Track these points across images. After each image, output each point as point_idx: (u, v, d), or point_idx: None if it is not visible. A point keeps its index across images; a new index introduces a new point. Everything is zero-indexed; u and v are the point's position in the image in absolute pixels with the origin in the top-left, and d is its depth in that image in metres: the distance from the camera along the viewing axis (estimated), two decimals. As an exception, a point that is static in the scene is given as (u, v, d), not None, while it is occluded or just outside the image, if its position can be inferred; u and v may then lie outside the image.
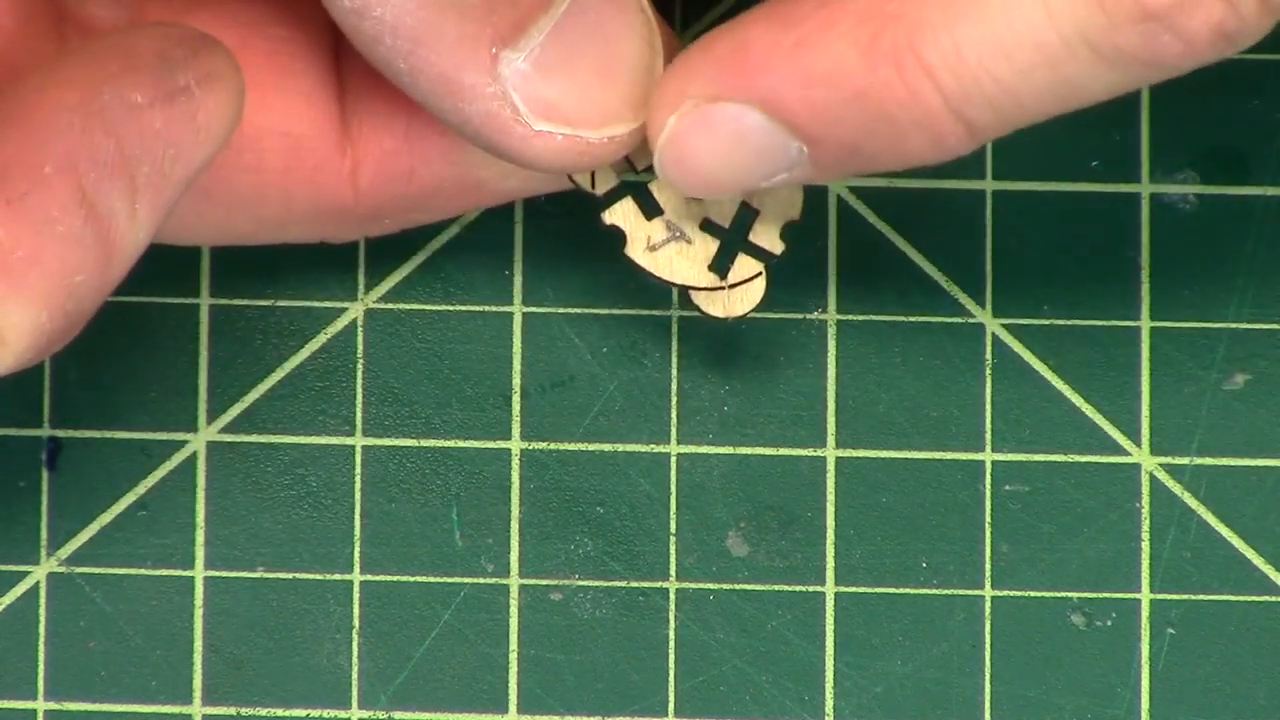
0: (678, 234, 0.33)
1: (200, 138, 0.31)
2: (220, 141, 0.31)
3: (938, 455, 0.38)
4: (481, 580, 0.38)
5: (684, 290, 0.34)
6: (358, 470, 0.39)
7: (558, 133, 0.31)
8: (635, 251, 0.33)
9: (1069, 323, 0.38)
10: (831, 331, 0.38)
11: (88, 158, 0.30)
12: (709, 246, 0.33)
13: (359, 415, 0.39)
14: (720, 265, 0.34)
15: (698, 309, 0.34)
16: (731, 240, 0.33)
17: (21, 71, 0.32)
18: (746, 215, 0.33)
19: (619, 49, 0.31)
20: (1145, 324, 0.38)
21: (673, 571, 0.38)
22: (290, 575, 0.39)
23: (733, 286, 0.34)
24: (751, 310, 0.34)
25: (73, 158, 0.30)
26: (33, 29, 0.32)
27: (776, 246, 0.34)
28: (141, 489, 0.39)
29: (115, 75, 0.30)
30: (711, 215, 0.33)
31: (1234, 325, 0.38)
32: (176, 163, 0.30)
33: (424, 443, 0.39)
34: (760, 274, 0.34)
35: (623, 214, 0.33)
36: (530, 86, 0.31)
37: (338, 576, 0.38)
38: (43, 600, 0.39)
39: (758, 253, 0.33)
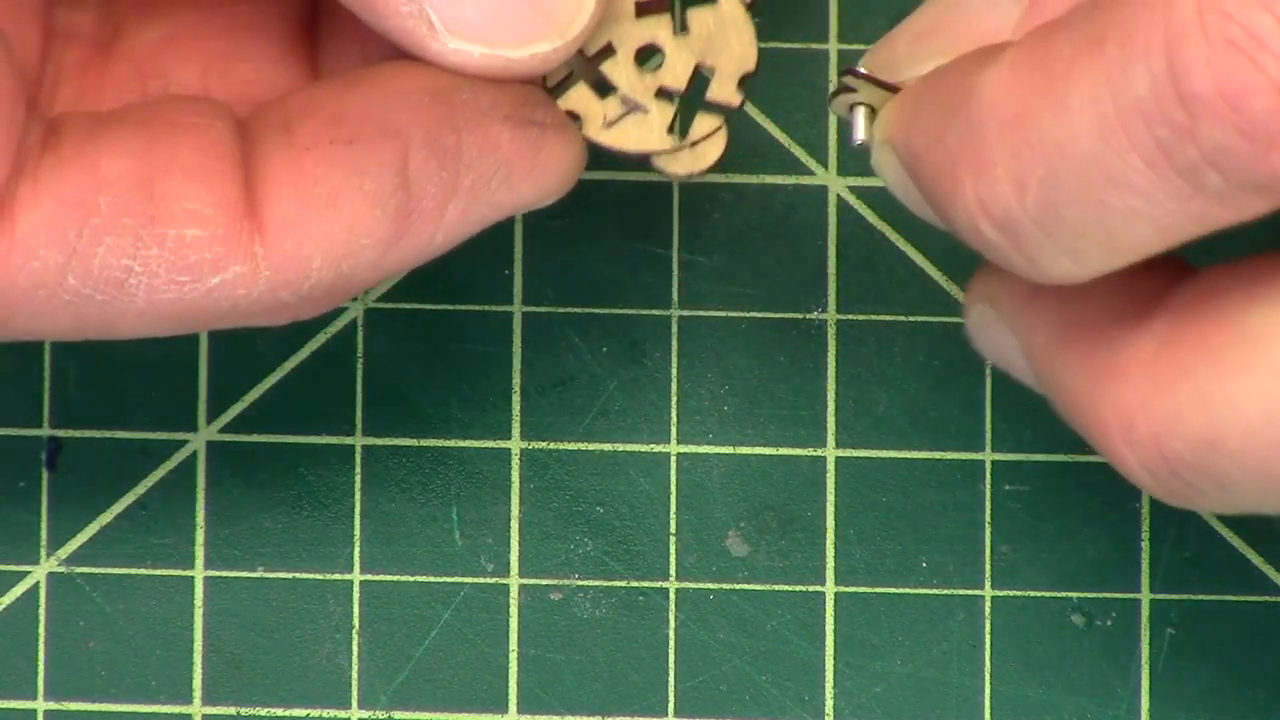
0: (634, 106, 0.33)
1: (535, 174, 0.31)
2: (551, 191, 0.31)
3: (938, 455, 0.38)
4: (481, 580, 0.38)
5: (646, 158, 0.33)
6: (358, 470, 0.39)
7: (474, 50, 0.30)
8: (593, 130, 0.33)
9: (1069, 323, 0.38)
10: (831, 331, 0.38)
11: (423, 137, 0.30)
12: (666, 113, 0.33)
13: (359, 415, 0.39)
14: (680, 127, 0.33)
15: (661, 172, 0.34)
16: (688, 101, 0.33)
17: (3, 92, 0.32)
18: (701, 77, 0.33)
19: None
20: (1145, 324, 0.38)
21: (673, 571, 0.38)
22: (290, 575, 0.39)
23: (694, 144, 0.33)
24: (715, 164, 0.33)
25: (409, 130, 0.30)
26: (24, 42, 0.32)
27: (735, 99, 0.33)
28: (141, 489, 0.39)
29: (480, 85, 0.31)
30: (666, 83, 0.33)
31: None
32: (503, 186, 0.31)
33: (424, 443, 0.39)
34: (720, 128, 0.33)
35: (577, 99, 0.33)
36: (447, 4, 0.30)
37: (338, 576, 0.38)
38: (43, 600, 0.39)
39: (716, 108, 0.33)
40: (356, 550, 0.38)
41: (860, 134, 0.31)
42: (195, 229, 0.29)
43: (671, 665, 0.38)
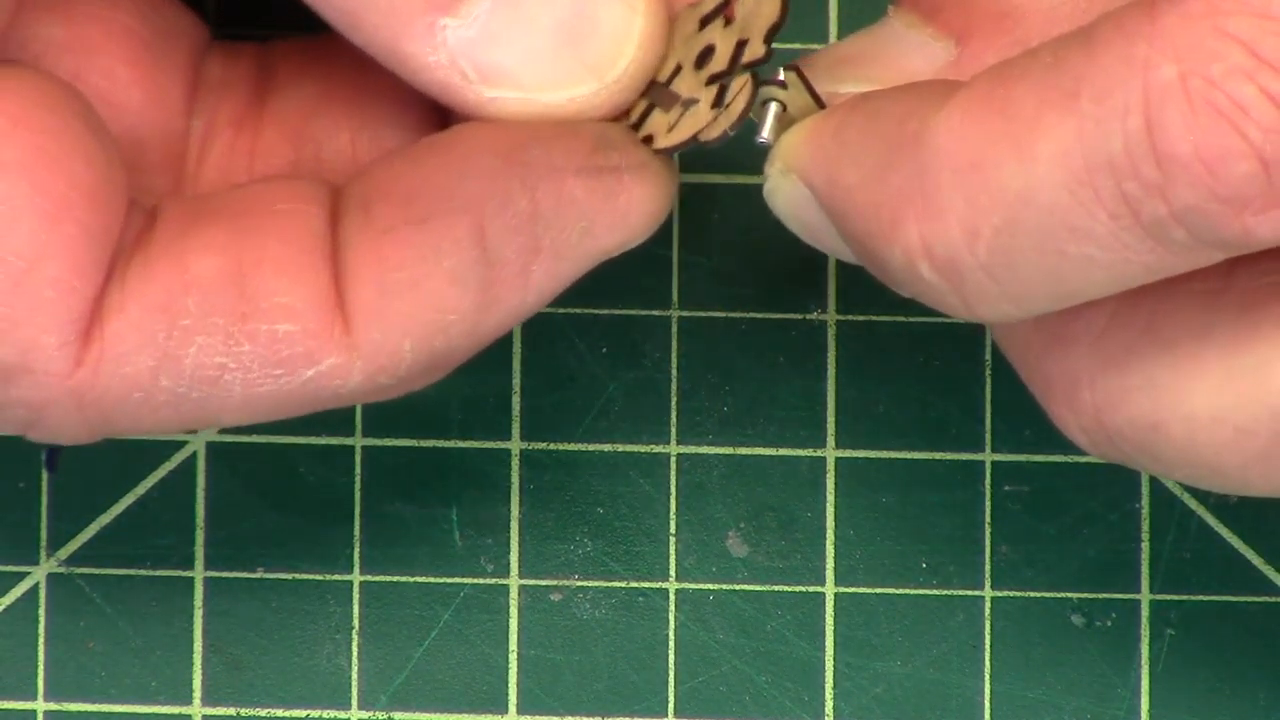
0: (690, 103, 0.32)
1: (617, 220, 0.30)
2: (637, 233, 0.31)
3: (938, 455, 0.38)
4: (481, 580, 0.38)
5: (693, 140, 0.33)
6: (358, 470, 0.39)
7: (510, 97, 0.30)
8: (661, 142, 0.32)
9: (1069, 323, 0.38)
10: (831, 331, 0.38)
11: (498, 204, 0.29)
12: (711, 93, 0.33)
13: (359, 415, 0.39)
14: (720, 102, 0.33)
15: (699, 144, 0.33)
16: (725, 75, 0.33)
17: (149, 147, 0.32)
18: (739, 49, 0.33)
19: (583, 10, 0.30)
20: (1145, 324, 0.38)
21: (673, 571, 0.38)
22: (290, 575, 0.39)
23: (729, 105, 0.33)
24: (745, 112, 0.33)
25: (482, 199, 0.29)
26: (163, 101, 0.32)
27: (763, 52, 0.33)
28: (141, 489, 0.39)
29: (548, 138, 0.30)
30: (715, 70, 0.33)
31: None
32: (586, 237, 0.30)
33: (424, 443, 0.39)
34: (748, 81, 0.33)
35: (650, 123, 0.32)
36: (478, 52, 0.30)
37: (338, 576, 0.38)
38: (43, 600, 0.39)
39: (746, 68, 0.33)
40: (356, 551, 0.39)
41: (767, 133, 0.30)
42: (287, 324, 0.29)
43: (671, 665, 0.38)
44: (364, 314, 0.29)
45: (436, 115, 0.33)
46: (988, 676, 0.38)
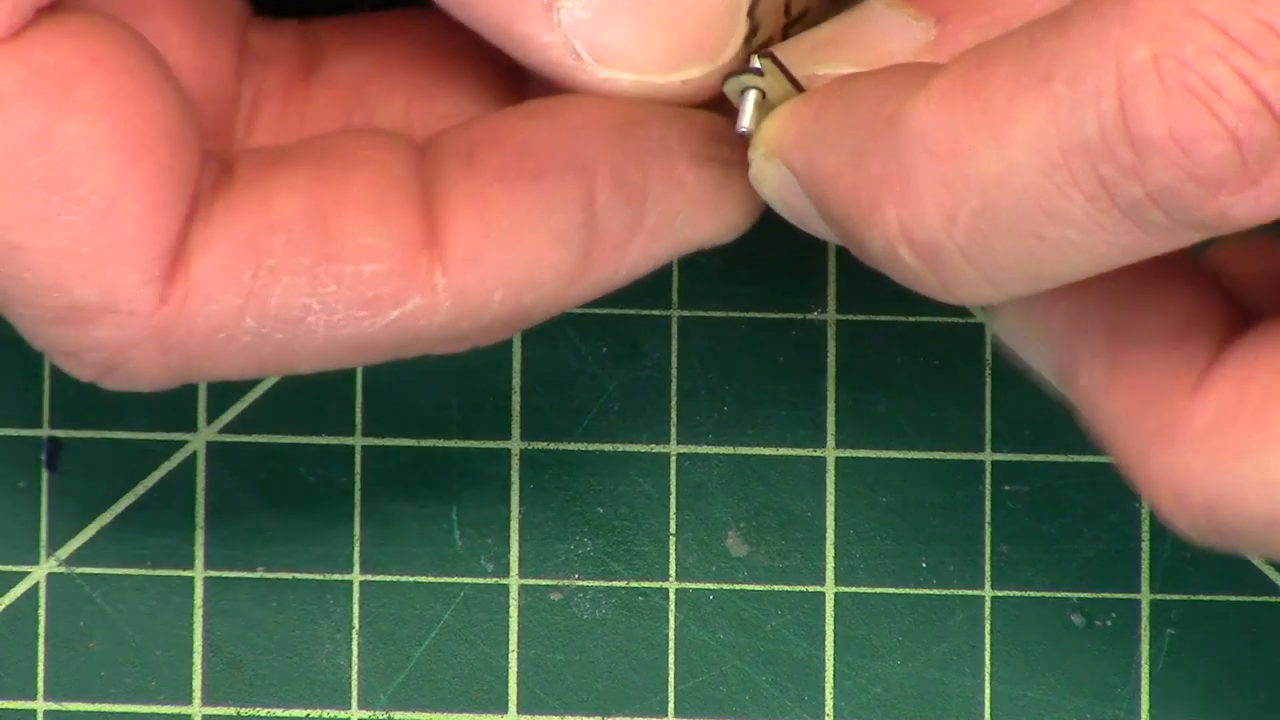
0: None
1: (719, 212, 0.31)
2: (734, 229, 0.31)
3: (938, 455, 0.38)
4: (481, 580, 0.38)
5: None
6: (358, 470, 0.39)
7: (623, 78, 0.30)
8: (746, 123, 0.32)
9: (1069, 323, 0.38)
10: (831, 331, 0.38)
11: (610, 173, 0.30)
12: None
13: (359, 415, 0.39)
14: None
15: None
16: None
17: (200, 110, 0.32)
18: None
19: None
20: (1145, 324, 0.38)
21: (673, 571, 0.38)
22: (290, 575, 0.39)
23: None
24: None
25: (596, 166, 0.30)
26: (213, 65, 0.32)
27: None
28: (141, 489, 0.39)
29: (667, 118, 0.30)
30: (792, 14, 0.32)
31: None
32: (687, 224, 0.30)
33: (424, 443, 0.39)
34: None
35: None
36: (592, 33, 0.30)
37: (338, 576, 0.38)
38: (43, 600, 0.39)
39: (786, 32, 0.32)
40: (356, 550, 0.38)
41: (747, 122, 0.30)
42: (373, 264, 0.29)
43: (671, 665, 0.38)
44: (460, 257, 0.29)
45: (496, 87, 0.33)
46: (988, 676, 0.38)
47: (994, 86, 0.26)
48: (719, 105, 0.31)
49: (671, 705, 0.38)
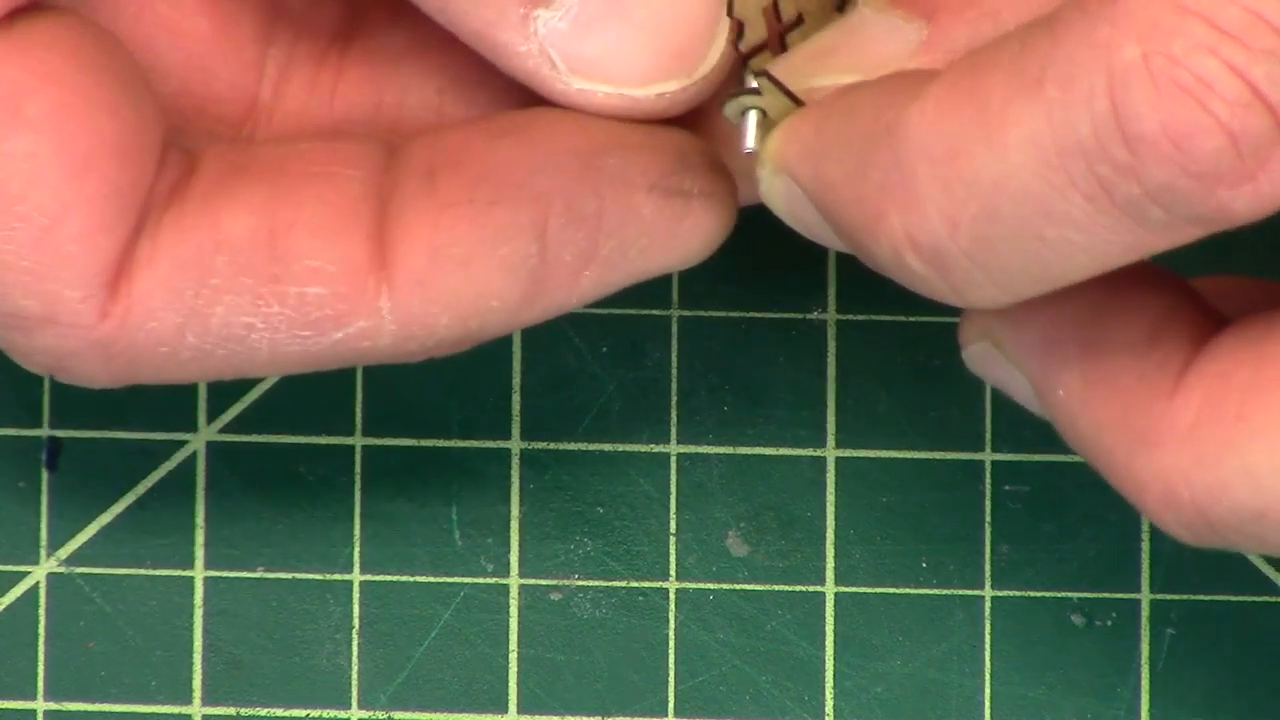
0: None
1: (675, 243, 0.30)
2: (691, 259, 0.31)
3: (938, 455, 0.38)
4: (481, 580, 0.38)
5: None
6: (358, 470, 0.39)
7: (598, 90, 0.30)
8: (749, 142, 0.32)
9: (1069, 323, 0.38)
10: (831, 331, 0.38)
11: (565, 202, 0.29)
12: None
13: (359, 415, 0.39)
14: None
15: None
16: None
17: (216, 76, 0.32)
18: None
19: (674, 5, 0.30)
20: (1145, 324, 0.38)
21: (673, 571, 0.38)
22: (290, 575, 0.39)
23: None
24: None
25: (551, 195, 0.29)
26: (233, 29, 0.32)
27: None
28: (141, 489, 0.39)
29: (630, 147, 0.30)
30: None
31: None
32: (642, 254, 0.30)
33: (424, 443, 0.39)
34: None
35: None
36: (569, 44, 0.30)
37: (338, 576, 0.38)
38: (43, 600, 0.39)
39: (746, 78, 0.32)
40: (356, 550, 0.39)
41: (751, 142, 0.30)
42: (318, 287, 0.29)
43: (671, 665, 0.38)
44: (409, 281, 0.29)
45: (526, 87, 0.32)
46: (988, 676, 0.38)
47: (988, 91, 0.26)
48: (695, 119, 0.31)
49: (671, 705, 0.38)
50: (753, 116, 0.30)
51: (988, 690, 0.38)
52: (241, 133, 0.32)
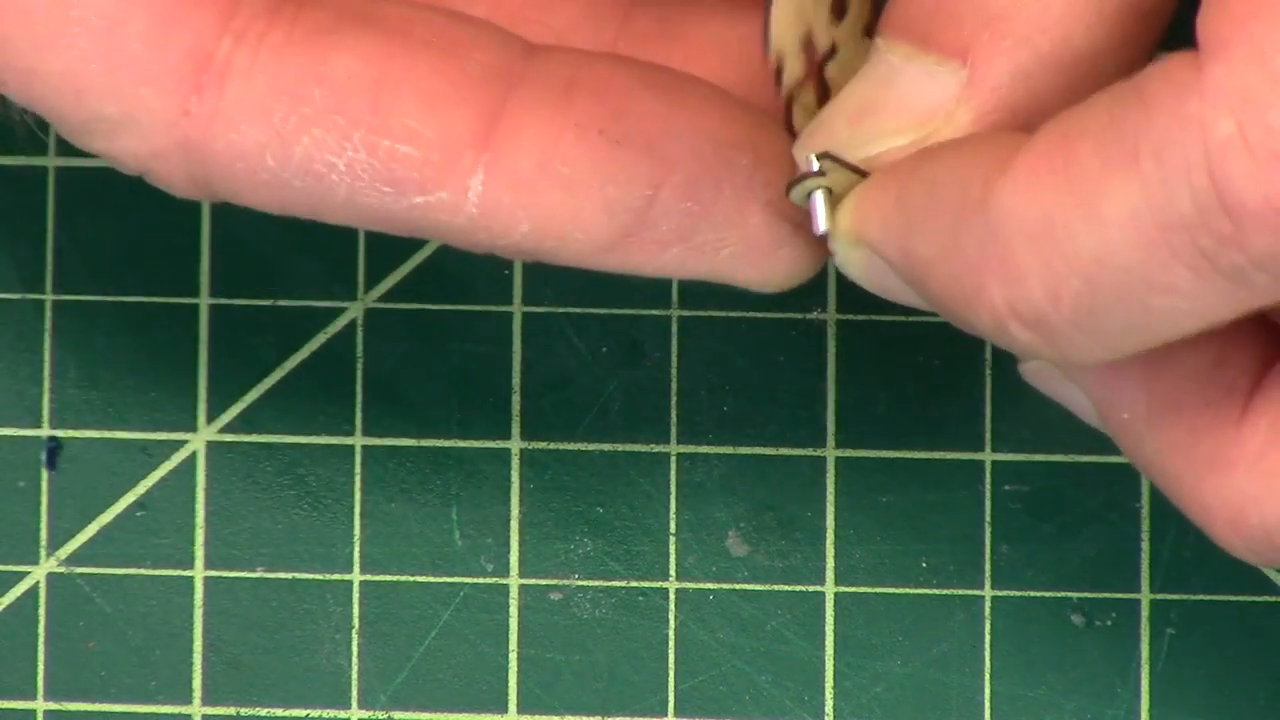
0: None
1: (763, 265, 0.30)
2: (767, 287, 0.31)
3: (938, 455, 0.38)
4: (481, 580, 0.38)
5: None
6: (358, 470, 0.39)
7: None
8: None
9: (1069, 323, 0.38)
10: (831, 331, 0.38)
11: (685, 178, 0.29)
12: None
13: (359, 415, 0.39)
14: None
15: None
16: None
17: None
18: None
19: None
20: (1145, 324, 0.38)
21: (673, 571, 0.38)
22: (290, 575, 0.39)
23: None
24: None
25: (677, 163, 0.29)
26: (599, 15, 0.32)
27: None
28: (141, 489, 0.39)
29: (764, 156, 0.30)
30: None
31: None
32: (728, 260, 0.30)
33: (424, 443, 0.39)
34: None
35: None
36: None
37: (338, 576, 0.38)
38: (43, 600, 0.39)
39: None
40: (356, 550, 0.39)
41: (823, 224, 0.30)
42: (410, 147, 0.29)
43: (671, 665, 0.38)
44: (507, 177, 0.29)
45: (614, 9, 0.32)
46: (988, 676, 0.38)
47: (1080, 166, 0.25)
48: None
49: (671, 705, 0.38)
50: (820, 197, 0.30)
51: (988, 690, 0.38)
52: None
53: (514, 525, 0.38)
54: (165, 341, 0.39)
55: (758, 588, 0.38)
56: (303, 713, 0.38)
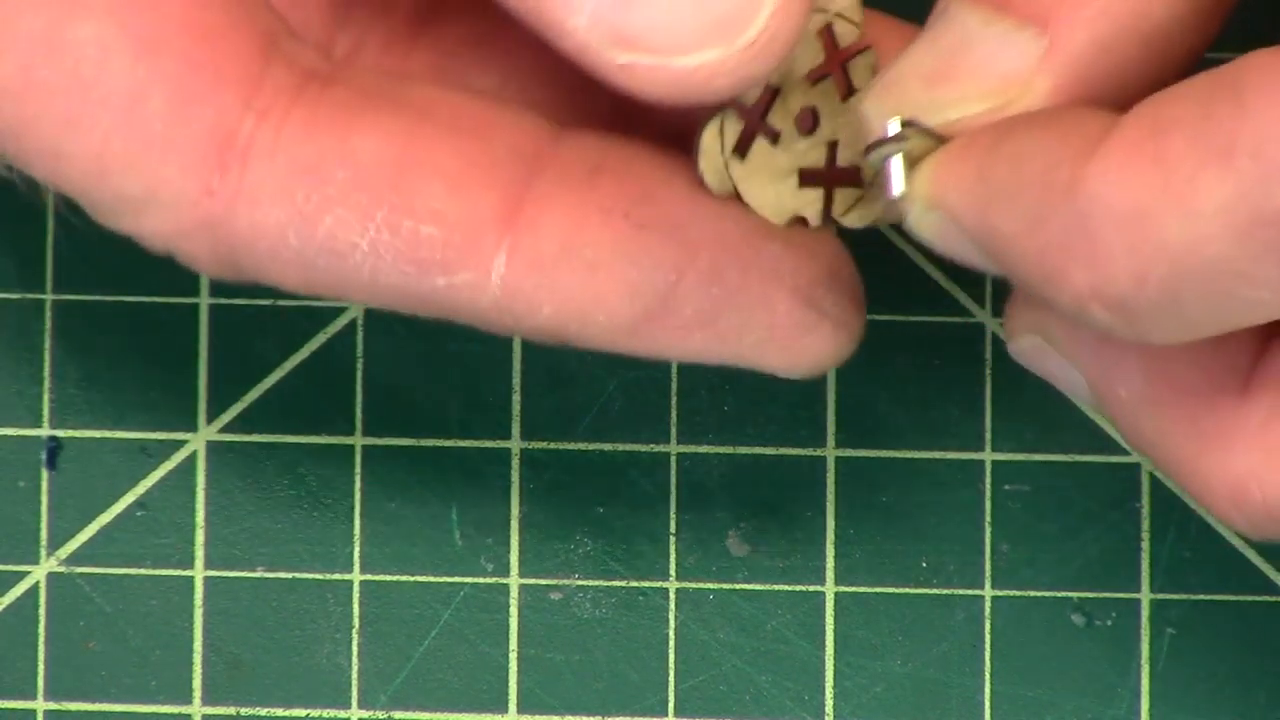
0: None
1: (789, 352, 0.30)
2: (793, 371, 0.31)
3: (938, 455, 0.38)
4: (481, 580, 0.38)
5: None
6: (358, 470, 0.39)
7: (640, 61, 0.29)
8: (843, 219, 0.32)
9: (1069, 323, 0.38)
10: (831, 331, 0.38)
11: (711, 263, 0.29)
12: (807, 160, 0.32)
13: (359, 415, 0.39)
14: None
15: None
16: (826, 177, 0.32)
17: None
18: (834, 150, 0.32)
19: None
20: (1145, 324, 0.38)
21: (673, 571, 0.38)
22: (290, 575, 0.39)
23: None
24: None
25: (702, 247, 0.29)
26: (306, 11, 0.32)
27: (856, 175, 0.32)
28: (141, 489, 0.39)
29: (792, 245, 0.30)
30: (806, 159, 0.32)
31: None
32: (754, 347, 0.30)
33: (424, 443, 0.39)
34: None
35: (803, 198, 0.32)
36: (616, 16, 0.29)
37: (338, 576, 0.38)
38: (43, 600, 0.39)
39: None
40: (356, 550, 0.39)
41: (901, 187, 0.29)
42: (433, 227, 0.29)
43: (671, 665, 0.38)
44: (530, 259, 0.29)
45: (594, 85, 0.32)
46: (988, 676, 0.38)
47: (1174, 157, 0.25)
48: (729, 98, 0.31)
49: (671, 705, 0.38)
50: (897, 161, 0.29)
51: (988, 690, 0.38)
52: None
53: (514, 525, 0.38)
54: (165, 341, 0.39)
55: (758, 588, 0.38)
56: (303, 713, 0.38)
